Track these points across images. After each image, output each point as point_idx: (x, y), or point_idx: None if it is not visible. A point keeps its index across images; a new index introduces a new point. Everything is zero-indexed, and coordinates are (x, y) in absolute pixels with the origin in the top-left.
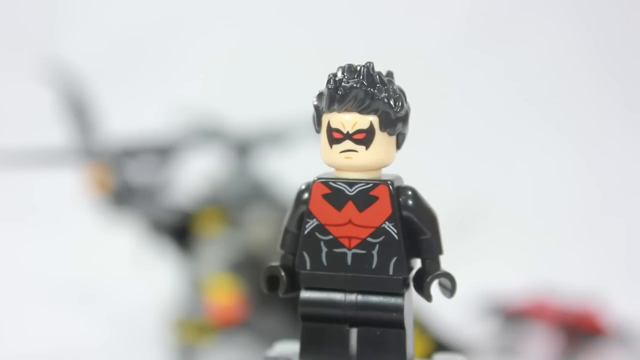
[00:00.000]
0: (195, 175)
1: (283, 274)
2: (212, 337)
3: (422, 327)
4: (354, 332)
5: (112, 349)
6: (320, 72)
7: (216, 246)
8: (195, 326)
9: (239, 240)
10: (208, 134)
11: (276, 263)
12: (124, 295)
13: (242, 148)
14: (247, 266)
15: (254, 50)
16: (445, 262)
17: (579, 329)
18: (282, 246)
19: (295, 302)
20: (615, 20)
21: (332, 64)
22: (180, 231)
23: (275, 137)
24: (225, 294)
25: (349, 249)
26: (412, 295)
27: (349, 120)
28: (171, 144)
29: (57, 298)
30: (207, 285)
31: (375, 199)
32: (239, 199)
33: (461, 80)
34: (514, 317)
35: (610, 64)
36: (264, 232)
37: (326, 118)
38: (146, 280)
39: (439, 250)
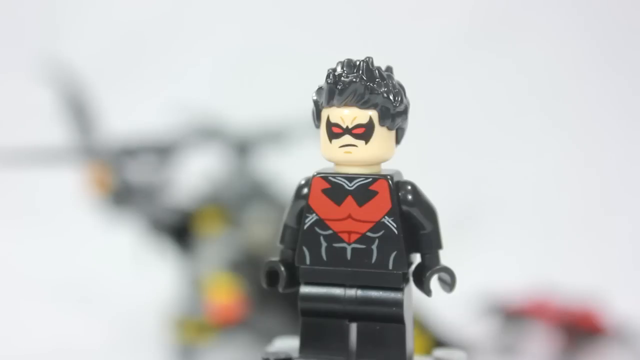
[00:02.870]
0: (195, 175)
1: (282, 269)
2: (212, 337)
3: (422, 325)
4: (353, 327)
5: (112, 349)
6: (320, 71)
7: (216, 245)
8: (195, 325)
9: (239, 239)
10: (208, 133)
11: (276, 258)
12: (123, 295)
13: (242, 147)
14: (247, 265)
15: (254, 49)
16: (445, 261)
17: (579, 328)
18: (282, 241)
19: (295, 301)
20: (618, 18)
21: (333, 63)
22: (180, 230)
23: (276, 136)
24: (225, 293)
25: (349, 244)
26: (412, 291)
27: (348, 115)
28: (171, 143)
29: (56, 297)
30: (207, 285)
31: (374, 193)
32: (238, 198)
33: (463, 75)
34: (514, 316)
35: (613, 63)
36: (263, 231)
37: (325, 113)
38: (146, 280)
39: (438, 245)
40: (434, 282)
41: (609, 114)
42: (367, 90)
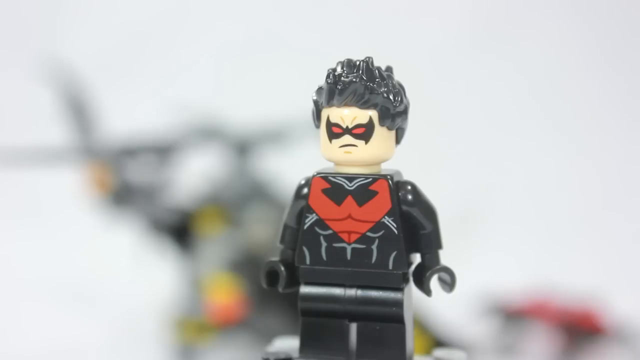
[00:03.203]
0: (195, 175)
1: (282, 268)
2: (212, 337)
3: (422, 325)
4: (353, 327)
5: (112, 349)
6: (320, 71)
7: (216, 245)
8: (195, 325)
9: (239, 239)
10: (208, 133)
11: (276, 258)
12: (123, 295)
13: (242, 147)
14: (247, 265)
15: (254, 49)
16: (445, 261)
17: (579, 328)
18: (282, 241)
19: (295, 301)
20: (619, 18)
21: (333, 63)
22: (180, 230)
23: (276, 136)
24: (225, 293)
25: (349, 244)
26: (412, 291)
27: (348, 115)
28: (171, 143)
29: (56, 297)
30: (207, 285)
31: (374, 193)
32: (238, 198)
33: (463, 75)
34: (514, 316)
35: (612, 62)
36: (263, 231)
37: (325, 113)
38: (146, 280)
39: (438, 245)
40: (434, 282)
41: (610, 114)
42: (367, 90)
